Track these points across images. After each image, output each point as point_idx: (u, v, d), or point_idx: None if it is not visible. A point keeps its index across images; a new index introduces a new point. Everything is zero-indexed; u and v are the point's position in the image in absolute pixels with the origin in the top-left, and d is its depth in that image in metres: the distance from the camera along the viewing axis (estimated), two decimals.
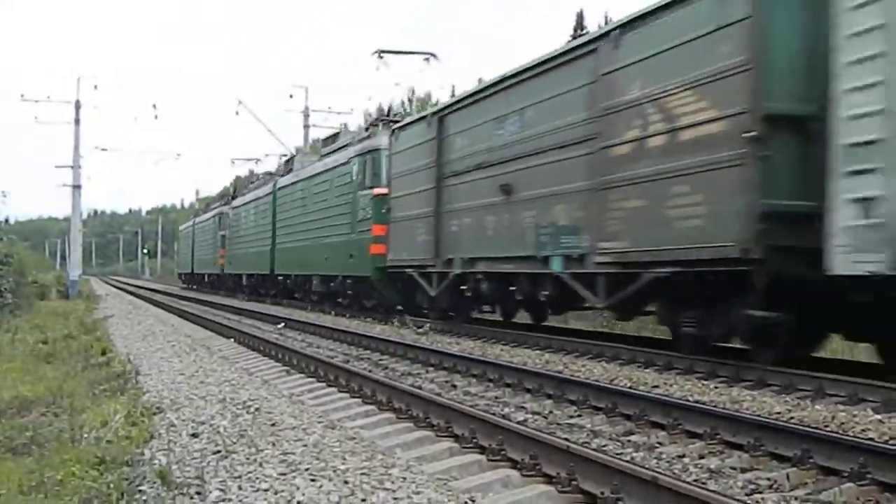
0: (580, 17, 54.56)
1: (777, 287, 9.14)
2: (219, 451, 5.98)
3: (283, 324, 19.17)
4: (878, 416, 7.23)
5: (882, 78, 7.86)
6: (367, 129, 23.85)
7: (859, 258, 8.04)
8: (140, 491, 5.04)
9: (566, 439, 5.99)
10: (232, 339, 15.85)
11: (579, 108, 12.39)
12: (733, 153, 9.33)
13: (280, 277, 30.23)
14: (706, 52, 9.77)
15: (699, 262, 9.93)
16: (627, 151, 11.19)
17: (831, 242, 8.33)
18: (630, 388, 8.69)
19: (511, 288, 14.72)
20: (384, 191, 19.92)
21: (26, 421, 7.43)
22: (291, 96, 60.17)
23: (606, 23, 25.81)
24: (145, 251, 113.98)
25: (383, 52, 24.25)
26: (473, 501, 4.75)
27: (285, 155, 36.96)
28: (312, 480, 5.13)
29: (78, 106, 40.11)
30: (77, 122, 40.21)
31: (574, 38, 18.58)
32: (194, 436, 6.59)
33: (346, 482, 5.06)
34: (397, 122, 20.70)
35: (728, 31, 9.48)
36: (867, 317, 9.05)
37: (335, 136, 26.68)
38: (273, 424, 6.94)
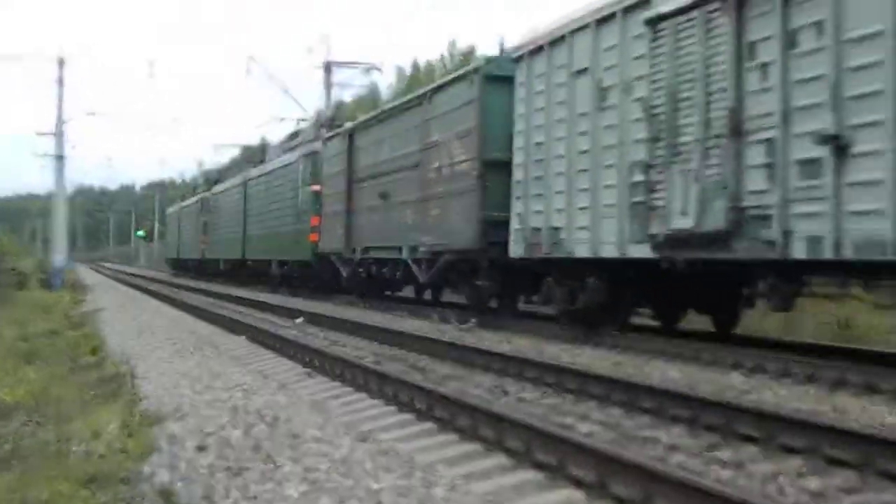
0: None
1: (492, 267, 16.68)
2: (230, 468, 6.03)
3: (301, 318, 19.32)
4: None
5: (522, 144, 15.36)
6: (317, 131, 31.35)
7: (516, 248, 15.50)
8: None
9: (639, 455, 5.97)
10: (244, 337, 15.98)
11: (415, 142, 19.98)
12: (471, 183, 16.95)
13: (250, 262, 37.44)
14: (463, 117, 17.43)
15: (459, 251, 17.50)
16: (434, 176, 18.76)
17: (509, 239, 15.66)
18: (714, 395, 8.64)
19: (383, 269, 22.45)
20: (318, 188, 27.51)
21: (6, 431, 7.53)
22: (311, 50, 59.70)
23: None
24: (140, 233, 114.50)
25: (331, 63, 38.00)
26: None
27: (304, 119, 38.07)
28: (340, 502, 5.15)
29: (62, 63, 40.46)
30: (60, 82, 40.59)
31: None
32: (201, 449, 6.64)
33: None
34: (340, 125, 27.79)
35: (469, 105, 17.20)
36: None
37: (295, 135, 35.17)
38: (293, 436, 6.99)
